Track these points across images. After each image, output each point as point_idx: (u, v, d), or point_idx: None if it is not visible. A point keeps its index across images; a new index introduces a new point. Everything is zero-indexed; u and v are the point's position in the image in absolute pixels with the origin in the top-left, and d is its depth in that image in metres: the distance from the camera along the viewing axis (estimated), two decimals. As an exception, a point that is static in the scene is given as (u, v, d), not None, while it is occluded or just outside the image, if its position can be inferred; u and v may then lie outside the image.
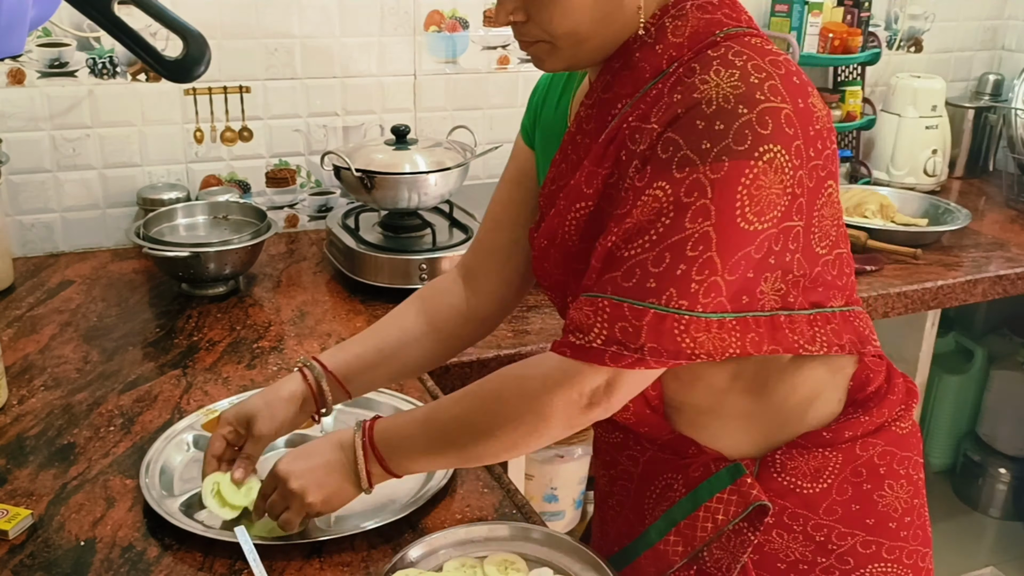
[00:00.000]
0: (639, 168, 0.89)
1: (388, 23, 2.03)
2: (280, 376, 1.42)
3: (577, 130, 1.01)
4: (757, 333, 0.89)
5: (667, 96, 0.89)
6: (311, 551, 1.04)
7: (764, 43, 0.90)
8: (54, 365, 1.45)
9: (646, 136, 0.89)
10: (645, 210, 0.86)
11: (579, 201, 0.96)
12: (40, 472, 1.18)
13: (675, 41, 0.92)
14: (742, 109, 0.84)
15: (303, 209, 2.11)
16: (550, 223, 1.02)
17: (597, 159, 0.95)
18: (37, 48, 1.80)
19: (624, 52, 0.95)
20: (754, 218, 0.84)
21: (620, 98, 0.95)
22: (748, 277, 0.87)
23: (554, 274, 1.04)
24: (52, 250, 1.92)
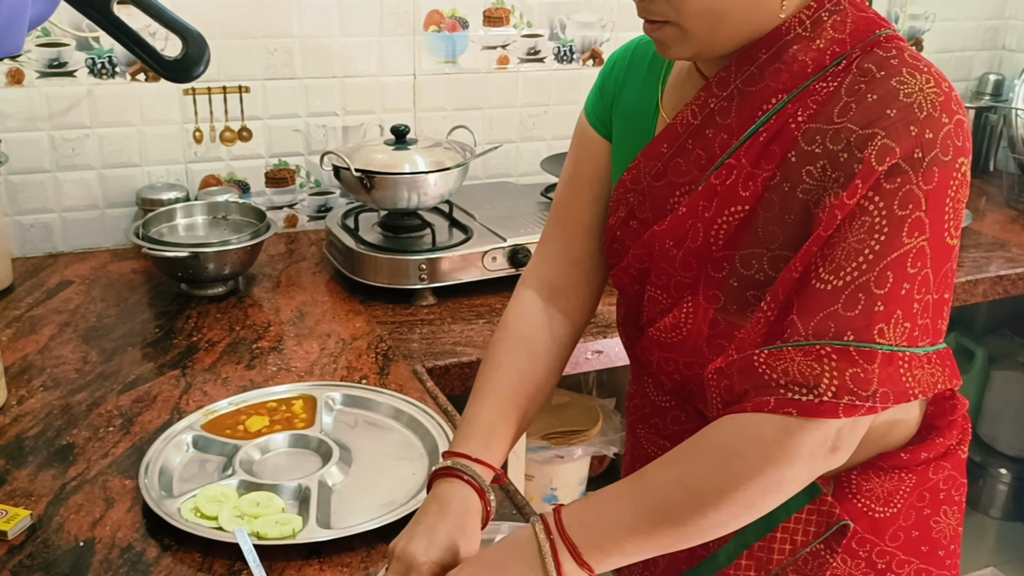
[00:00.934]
0: (822, 179, 0.83)
1: (388, 23, 2.03)
2: (279, 377, 1.42)
3: (703, 122, 0.93)
4: (948, 366, 0.84)
5: (852, 95, 0.83)
6: (311, 552, 1.04)
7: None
8: (53, 365, 1.45)
9: (832, 138, 0.83)
10: (852, 227, 0.80)
11: (734, 205, 0.89)
12: (39, 473, 1.17)
13: (837, 36, 0.87)
14: (944, 118, 0.80)
15: (302, 209, 2.11)
16: (680, 224, 0.93)
17: (755, 159, 0.88)
18: (36, 48, 1.80)
19: (771, 43, 0.88)
20: (955, 231, 0.81)
21: (774, 92, 0.88)
22: (945, 298, 0.83)
23: (679, 274, 0.95)
24: (51, 250, 1.92)
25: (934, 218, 0.79)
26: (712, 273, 0.91)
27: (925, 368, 0.81)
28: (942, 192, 0.79)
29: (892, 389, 0.79)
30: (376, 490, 1.16)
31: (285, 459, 1.22)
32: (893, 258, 0.79)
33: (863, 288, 0.79)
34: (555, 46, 2.20)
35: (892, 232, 0.79)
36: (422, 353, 1.52)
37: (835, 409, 0.78)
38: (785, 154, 0.86)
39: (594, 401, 2.10)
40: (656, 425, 1.08)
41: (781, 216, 0.86)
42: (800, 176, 0.85)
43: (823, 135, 0.84)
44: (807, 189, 0.84)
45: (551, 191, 2.03)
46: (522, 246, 1.75)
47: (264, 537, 1.04)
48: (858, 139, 0.81)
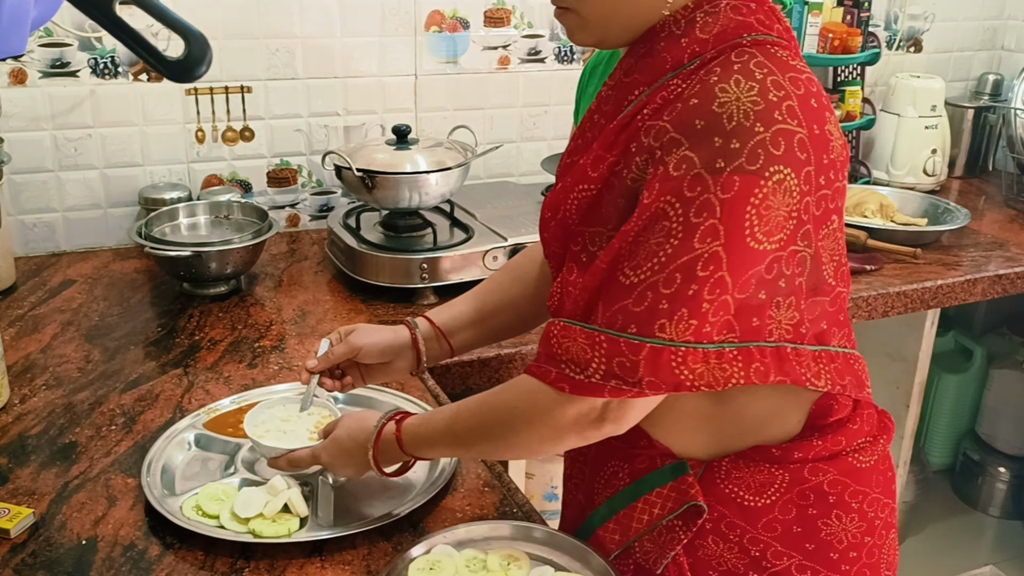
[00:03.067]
0: (643, 171, 0.89)
1: (389, 23, 2.03)
2: (282, 376, 1.43)
3: (596, 110, 1.00)
4: (762, 363, 0.88)
5: (684, 96, 0.88)
6: (312, 550, 1.04)
7: (791, 56, 0.89)
8: (56, 364, 1.45)
9: (656, 134, 0.88)
10: (654, 229, 0.86)
11: (583, 183, 0.96)
12: (42, 471, 1.18)
13: (701, 37, 0.91)
14: (759, 127, 0.83)
15: (304, 209, 2.11)
16: (555, 196, 1.02)
17: (606, 144, 0.95)
18: (39, 48, 1.80)
19: (650, 39, 0.94)
20: (763, 237, 0.84)
21: (638, 85, 0.94)
22: (760, 298, 0.87)
23: (552, 244, 1.04)
24: (54, 249, 1.93)
25: (731, 225, 0.83)
26: (572, 247, 0.98)
27: (712, 363, 0.86)
28: (742, 200, 0.83)
29: (661, 379, 0.85)
30: (377, 489, 1.16)
31: (287, 457, 1.22)
32: (683, 261, 0.84)
33: (652, 287, 0.85)
34: (556, 46, 2.20)
35: (685, 237, 0.84)
36: (423, 352, 1.53)
37: (601, 389, 0.87)
38: (628, 143, 0.92)
39: (595, 400, 2.11)
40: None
41: (616, 199, 0.93)
42: (631, 164, 0.90)
43: (652, 130, 0.89)
44: (634, 178, 0.90)
45: (551, 191, 2.04)
46: (523, 245, 1.76)
47: (260, 536, 1.05)
48: (668, 142, 0.86)
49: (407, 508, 1.09)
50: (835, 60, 2.37)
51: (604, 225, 0.94)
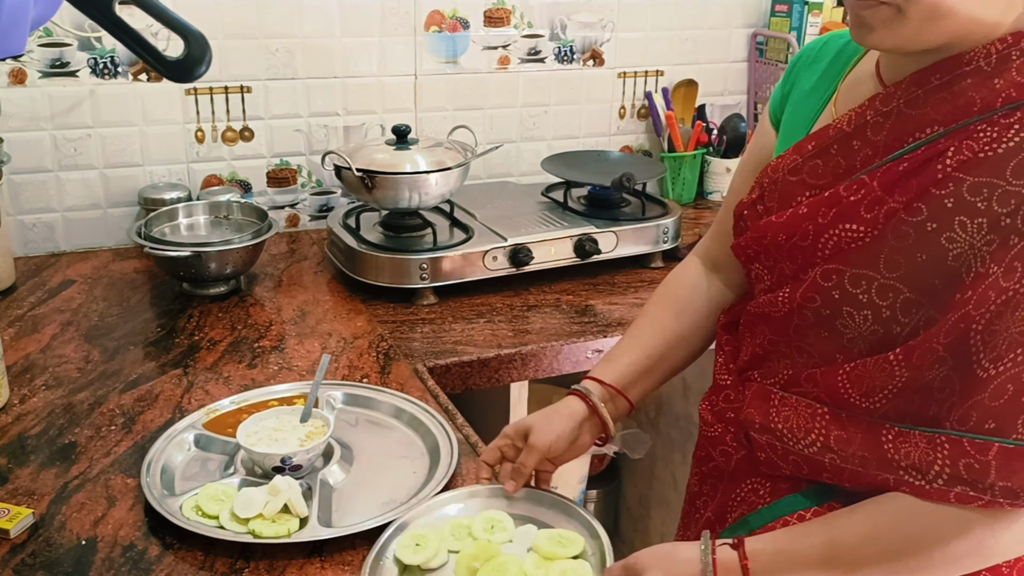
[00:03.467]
0: (978, 238, 0.79)
1: (389, 23, 2.03)
2: (281, 376, 1.42)
3: (854, 132, 0.91)
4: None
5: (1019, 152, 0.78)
6: (312, 550, 1.04)
7: None
8: (55, 364, 1.45)
9: (1000, 199, 0.78)
10: (1017, 316, 0.76)
11: (849, 222, 0.88)
12: (41, 471, 1.18)
13: (1019, 80, 0.80)
14: None
15: (304, 209, 2.11)
16: (795, 222, 0.94)
17: (887, 185, 0.86)
18: (38, 48, 1.80)
19: (947, 70, 0.84)
20: None
21: (930, 123, 0.84)
22: None
23: (784, 264, 0.97)
24: (53, 250, 1.93)
25: None
26: (819, 280, 0.91)
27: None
28: None
29: (1016, 484, 0.76)
30: (377, 489, 1.16)
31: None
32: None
33: (1014, 379, 0.76)
34: (556, 46, 2.20)
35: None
36: (423, 352, 1.53)
37: (945, 495, 0.80)
38: (926, 189, 0.83)
39: (595, 400, 2.11)
40: (711, 401, 1.12)
41: (912, 251, 0.84)
42: (951, 224, 0.81)
43: (991, 191, 0.79)
44: (953, 239, 0.81)
45: (552, 191, 2.04)
46: (523, 246, 1.76)
47: (260, 536, 1.04)
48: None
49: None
50: (835, 60, 2.36)
51: (881, 273, 0.86)
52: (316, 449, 1.16)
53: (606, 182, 1.86)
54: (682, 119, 2.36)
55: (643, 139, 2.40)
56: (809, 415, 0.93)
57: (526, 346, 1.55)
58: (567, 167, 2.03)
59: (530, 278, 1.81)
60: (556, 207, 1.96)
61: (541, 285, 1.81)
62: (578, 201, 1.99)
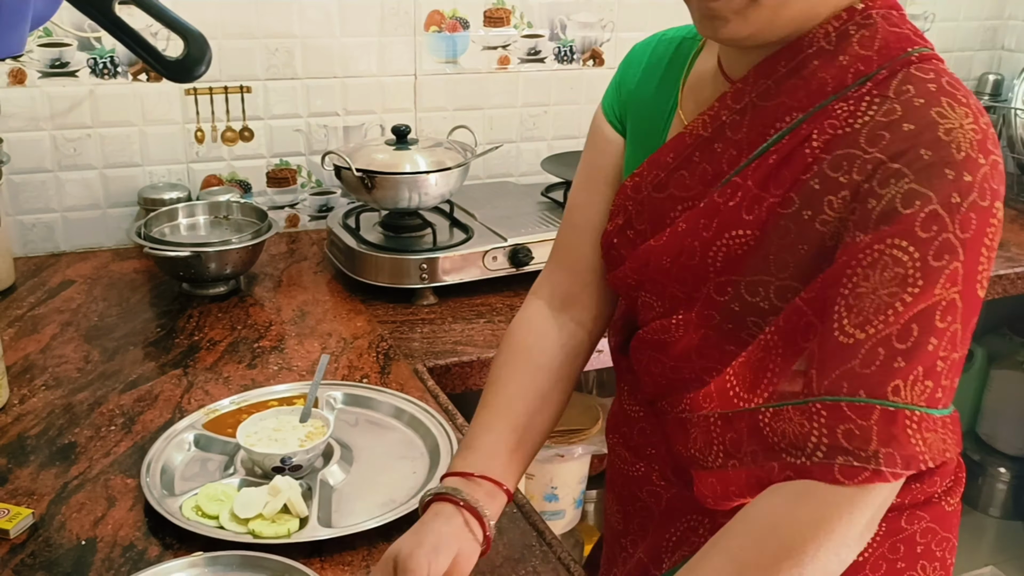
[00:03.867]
0: (845, 211, 0.77)
1: (388, 23, 2.03)
2: (281, 376, 1.42)
3: (713, 135, 0.88)
4: (955, 431, 0.77)
5: (887, 120, 0.76)
6: (312, 551, 1.04)
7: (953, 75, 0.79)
8: (55, 365, 1.45)
9: (859, 168, 0.77)
10: (882, 277, 0.74)
11: (736, 228, 0.84)
12: (41, 471, 1.18)
13: (863, 53, 0.80)
14: (981, 159, 0.74)
15: (304, 209, 2.11)
16: (677, 241, 0.89)
17: (762, 181, 0.83)
18: (38, 48, 1.80)
19: (791, 56, 0.83)
20: (985, 283, 0.75)
21: (789, 110, 0.82)
22: (961, 356, 0.76)
23: (674, 288, 0.91)
24: (53, 250, 1.93)
25: (969, 268, 0.74)
26: (713, 295, 0.87)
27: (939, 432, 0.74)
28: (978, 240, 0.74)
29: (896, 450, 0.73)
30: (377, 489, 1.16)
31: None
32: (921, 310, 0.73)
33: (884, 343, 0.73)
34: (555, 46, 2.20)
35: (926, 283, 0.73)
36: (423, 352, 1.53)
37: (828, 469, 0.74)
38: (797, 178, 0.81)
39: (594, 400, 2.11)
40: (624, 435, 1.07)
41: (795, 245, 0.81)
42: (821, 206, 0.79)
43: (850, 162, 0.78)
44: (826, 220, 0.79)
45: (552, 191, 2.04)
46: (522, 246, 1.76)
47: (260, 536, 1.04)
48: (884, 173, 0.75)
49: (406, 509, 1.09)
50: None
51: (774, 275, 0.83)
52: (316, 449, 1.16)
53: (606, 182, 1.85)
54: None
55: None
56: (705, 428, 0.89)
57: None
58: (567, 167, 2.03)
59: (530, 278, 1.80)
60: (556, 207, 1.96)
61: (541, 285, 1.81)
62: (578, 201, 1.99)
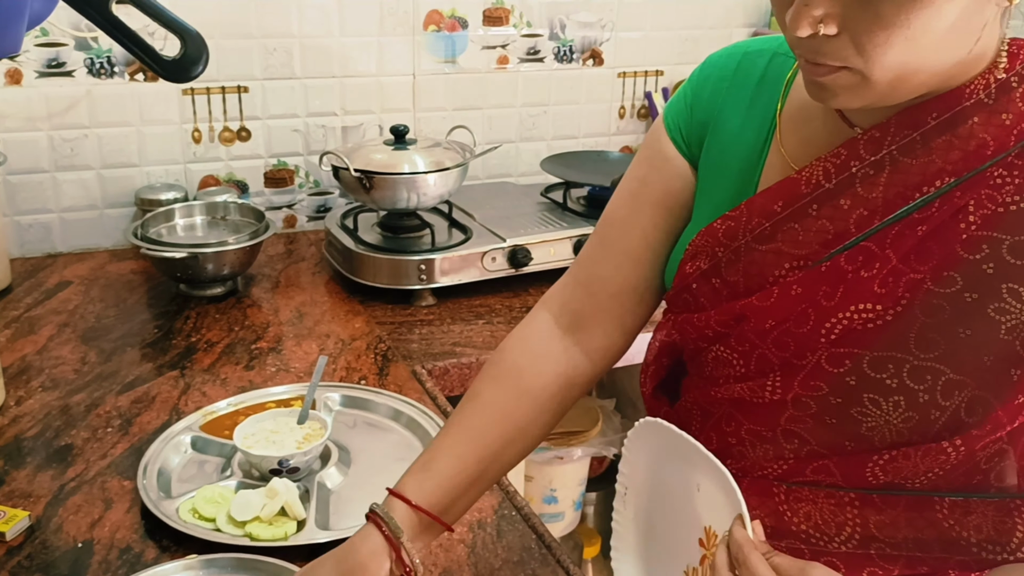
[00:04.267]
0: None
1: (387, 23, 2.03)
2: (278, 378, 1.42)
3: (838, 188, 0.76)
4: None
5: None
6: (310, 553, 1.04)
7: None
8: (52, 366, 1.44)
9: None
10: None
11: (862, 301, 0.75)
12: (38, 473, 1.17)
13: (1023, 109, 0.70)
14: None
15: (301, 209, 2.11)
16: (787, 305, 0.79)
17: (904, 254, 0.74)
18: (35, 48, 1.79)
19: (945, 107, 0.72)
20: None
21: (940, 173, 0.72)
22: None
23: (761, 349, 0.82)
24: (50, 250, 1.92)
25: None
26: (826, 366, 0.78)
27: None
28: None
29: None
30: (375, 491, 1.14)
31: (284, 460, 1.22)
32: None
33: None
34: (555, 46, 2.20)
35: None
36: (421, 354, 1.52)
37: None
38: (952, 254, 0.72)
39: (594, 402, 2.10)
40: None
41: (952, 327, 0.72)
42: (998, 293, 0.71)
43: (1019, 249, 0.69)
44: (1005, 311, 0.71)
45: (551, 191, 2.03)
46: (521, 246, 1.75)
47: (257, 539, 1.04)
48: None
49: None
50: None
51: (912, 354, 0.75)
52: (314, 451, 1.16)
53: (606, 182, 1.85)
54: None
55: (643, 139, 2.39)
56: (834, 505, 0.82)
57: (525, 347, 1.55)
58: (566, 167, 2.03)
59: (529, 279, 1.81)
60: (555, 208, 1.96)
61: (540, 286, 1.80)
62: (577, 202, 1.98)
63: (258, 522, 1.06)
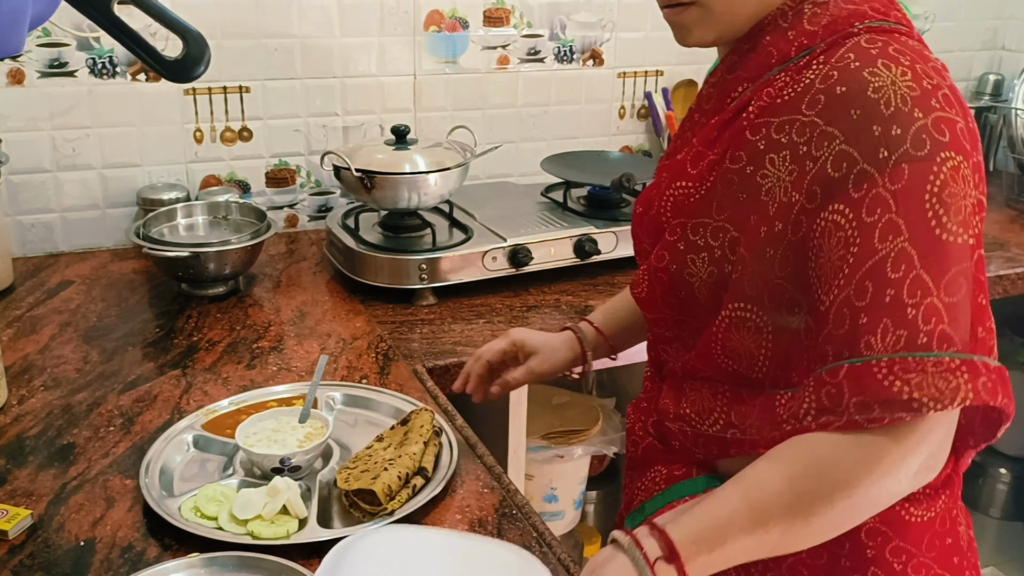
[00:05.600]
0: (787, 166, 0.84)
1: (388, 23, 2.03)
2: (280, 377, 1.42)
3: (696, 108, 1.00)
4: (989, 379, 0.75)
5: (824, 84, 0.82)
6: (311, 552, 1.04)
7: (922, 47, 0.85)
8: (54, 365, 1.45)
9: (799, 128, 0.83)
10: (829, 244, 0.79)
11: (680, 179, 0.95)
12: (40, 472, 1.18)
13: (809, 28, 0.87)
14: (918, 113, 0.77)
15: (303, 209, 2.11)
16: (648, 192, 1.02)
17: (707, 141, 0.93)
18: (37, 48, 1.80)
19: (754, 33, 0.91)
20: (958, 228, 0.76)
21: (741, 81, 0.92)
22: (980, 303, 0.81)
23: (644, 240, 1.04)
24: (52, 250, 1.92)
25: (911, 218, 0.75)
26: (668, 238, 0.97)
27: (930, 370, 0.73)
28: (917, 189, 0.75)
29: (869, 396, 0.74)
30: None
31: (285, 459, 1.22)
32: (869, 266, 0.75)
33: (847, 303, 0.76)
34: (555, 46, 2.20)
35: (863, 240, 0.76)
36: (422, 353, 1.52)
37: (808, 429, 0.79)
38: (734, 139, 0.90)
39: (594, 401, 2.10)
40: (637, 398, 1.16)
41: (736, 194, 0.90)
42: (763, 162, 0.87)
43: (791, 126, 0.84)
44: (765, 175, 0.87)
45: (551, 191, 2.04)
46: (522, 246, 1.76)
47: (259, 537, 1.04)
48: (819, 136, 0.81)
49: (407, 509, 1.09)
50: (835, 60, 2.36)
51: (712, 217, 0.92)
52: (315, 450, 1.16)
53: (606, 182, 1.85)
54: (682, 119, 2.36)
55: (643, 139, 2.39)
56: (711, 395, 0.98)
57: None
58: (567, 167, 2.03)
59: (529, 279, 1.81)
60: (556, 207, 1.96)
61: (540, 286, 1.81)
62: (578, 201, 1.99)
63: (260, 520, 1.06)
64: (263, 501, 1.08)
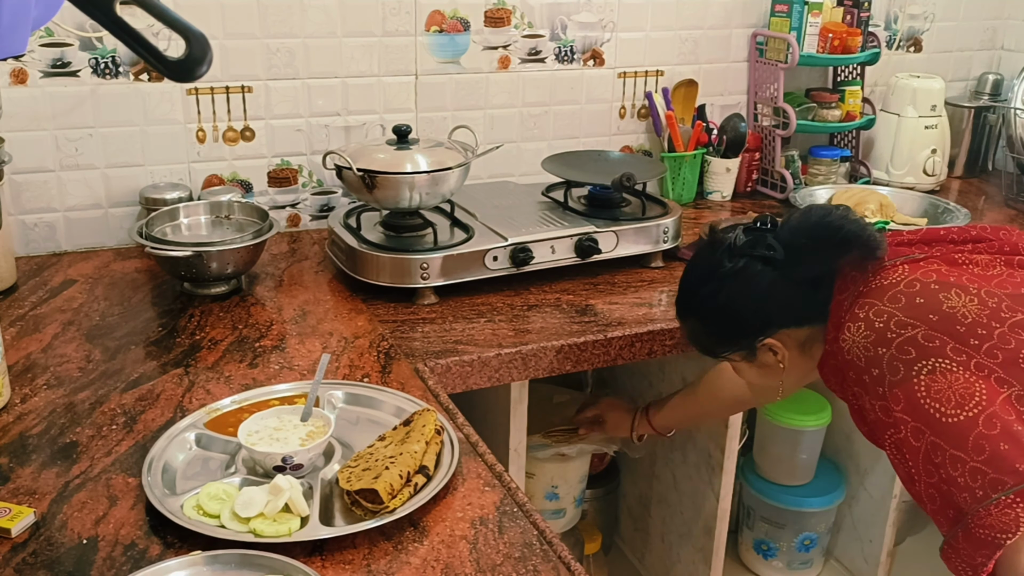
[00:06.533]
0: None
1: (389, 24, 2.03)
2: (282, 376, 1.43)
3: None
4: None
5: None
6: (313, 549, 1.04)
7: (886, 276, 1.15)
8: (57, 364, 1.45)
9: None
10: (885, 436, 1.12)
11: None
12: (43, 470, 1.18)
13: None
14: (881, 350, 1.08)
15: (305, 208, 2.12)
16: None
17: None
18: (40, 48, 1.80)
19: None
20: (956, 411, 1.02)
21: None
22: (1002, 449, 1.00)
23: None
24: (55, 249, 1.93)
25: (919, 419, 1.07)
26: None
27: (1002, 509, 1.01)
28: (912, 399, 1.07)
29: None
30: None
31: (287, 457, 1.22)
32: (914, 464, 1.10)
33: (927, 494, 1.11)
34: (556, 46, 2.20)
35: (902, 451, 1.11)
36: (424, 352, 1.53)
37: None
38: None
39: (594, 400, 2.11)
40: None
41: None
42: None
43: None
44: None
45: (552, 191, 2.04)
46: (523, 245, 1.76)
47: (261, 535, 1.05)
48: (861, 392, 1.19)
49: (408, 508, 1.10)
50: (835, 60, 2.37)
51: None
52: (317, 448, 1.17)
53: (606, 182, 1.86)
54: (682, 119, 2.36)
55: (643, 139, 2.40)
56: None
57: (526, 345, 1.55)
58: (567, 167, 2.03)
59: (530, 278, 1.82)
60: (556, 207, 1.96)
61: (541, 285, 1.81)
62: (578, 201, 1.99)
63: (262, 518, 1.07)
64: (265, 499, 1.08)
